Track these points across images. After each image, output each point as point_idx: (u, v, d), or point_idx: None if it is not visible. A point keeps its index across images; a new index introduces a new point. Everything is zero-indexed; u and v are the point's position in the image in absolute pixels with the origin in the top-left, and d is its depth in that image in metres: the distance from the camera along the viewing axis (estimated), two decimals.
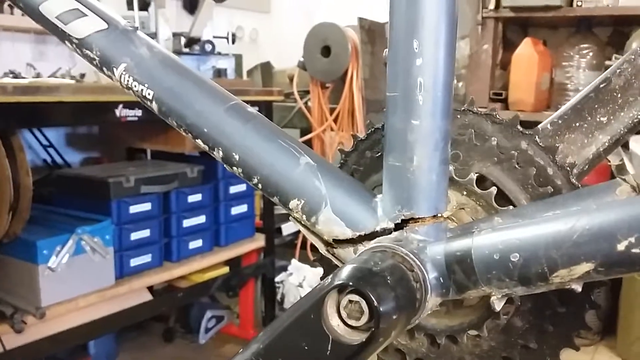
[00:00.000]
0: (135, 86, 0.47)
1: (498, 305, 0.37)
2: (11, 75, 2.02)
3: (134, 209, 1.97)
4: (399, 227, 0.39)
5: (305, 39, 2.62)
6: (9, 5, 2.13)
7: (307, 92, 2.75)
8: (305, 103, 2.76)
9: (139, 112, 1.88)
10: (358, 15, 2.60)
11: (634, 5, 2.27)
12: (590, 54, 2.43)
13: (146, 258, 2.02)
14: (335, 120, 2.67)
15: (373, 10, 2.67)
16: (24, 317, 1.64)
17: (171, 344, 2.55)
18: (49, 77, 2.14)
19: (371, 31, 2.63)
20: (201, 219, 2.21)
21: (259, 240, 2.47)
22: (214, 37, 2.55)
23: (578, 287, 0.35)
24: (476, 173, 0.44)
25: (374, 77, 2.63)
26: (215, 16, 2.67)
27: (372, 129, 0.49)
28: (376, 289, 0.32)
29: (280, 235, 2.70)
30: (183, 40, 2.49)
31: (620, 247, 0.30)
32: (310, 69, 2.63)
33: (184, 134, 0.46)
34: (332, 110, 2.68)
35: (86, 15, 0.50)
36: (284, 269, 2.66)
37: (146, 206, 2.01)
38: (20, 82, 1.79)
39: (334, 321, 0.33)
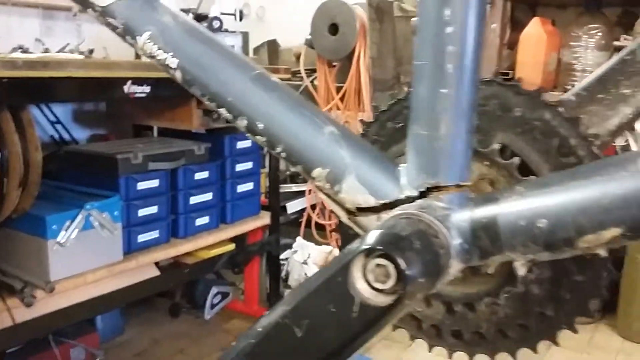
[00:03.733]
0: (159, 54, 0.47)
1: (521, 270, 0.37)
2: (20, 50, 2.01)
3: (141, 185, 1.98)
4: (422, 195, 0.40)
5: (312, 17, 2.60)
6: None
7: (314, 71, 2.74)
8: (312, 81, 2.75)
9: (147, 89, 1.87)
10: None
11: None
12: (599, 34, 2.41)
13: (153, 234, 2.04)
14: (341, 99, 2.66)
15: None
16: (34, 292, 1.66)
17: (177, 320, 2.58)
18: (57, 52, 2.13)
19: (379, 9, 2.61)
20: (208, 196, 2.22)
21: (265, 218, 2.49)
22: (222, 13, 2.54)
23: (604, 253, 0.36)
24: (499, 144, 0.44)
25: (382, 55, 2.62)
26: None
27: (395, 100, 0.49)
28: (404, 253, 0.33)
29: (285, 214, 2.71)
30: (191, 17, 2.48)
31: None
32: (318, 47, 2.61)
33: (207, 102, 0.46)
34: (338, 89, 2.67)
35: None
36: (289, 246, 2.68)
37: (154, 183, 2.02)
38: (29, 57, 1.79)
39: (360, 284, 0.33)
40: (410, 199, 0.40)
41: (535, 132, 0.45)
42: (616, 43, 2.38)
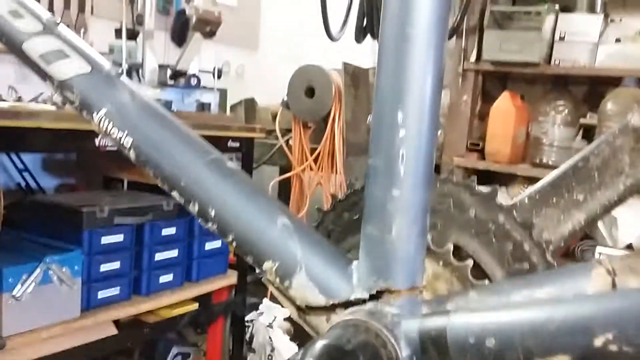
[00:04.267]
0: (114, 132, 0.46)
1: None
2: None
3: (106, 239, 1.93)
4: (373, 297, 0.39)
5: (290, 79, 2.64)
6: None
7: (289, 131, 2.76)
8: (287, 141, 2.76)
9: None
10: (343, 60, 2.64)
11: (610, 67, 2.34)
12: (566, 110, 2.49)
13: (114, 291, 1.97)
14: (315, 160, 2.68)
15: (357, 56, 2.71)
16: None
17: None
18: (30, 101, 2.11)
19: (355, 76, 2.66)
20: (174, 253, 2.17)
21: (231, 277, 2.43)
22: (200, 71, 2.56)
23: None
24: (453, 244, 0.43)
25: (356, 120, 2.66)
26: (203, 50, 2.68)
27: (352, 191, 0.49)
28: None
29: (253, 272, 2.66)
30: (169, 73, 2.49)
31: (598, 342, 0.30)
32: (294, 108, 2.65)
33: (159, 184, 0.45)
34: (312, 150, 2.69)
35: (69, 56, 0.49)
36: (255, 307, 2.61)
37: (118, 237, 1.97)
38: (0, 106, 1.77)
39: None
40: (360, 301, 0.39)
41: (489, 234, 0.44)
42: (582, 120, 2.45)
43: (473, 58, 2.53)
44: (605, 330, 0.30)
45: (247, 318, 2.51)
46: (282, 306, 0.43)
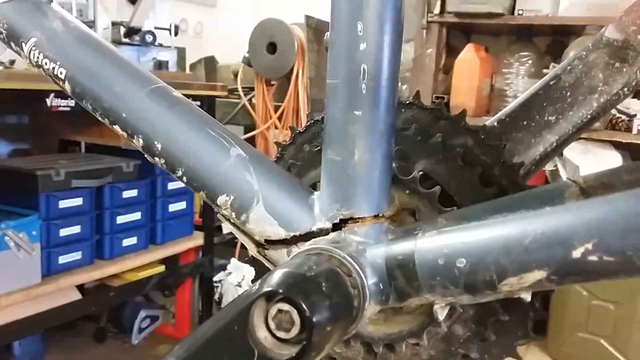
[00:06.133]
0: (46, 64, 0.41)
1: (441, 314, 0.34)
2: None
3: (63, 203, 1.86)
4: (337, 227, 0.36)
5: (250, 35, 2.57)
6: None
7: (252, 89, 2.69)
8: (250, 100, 2.70)
9: (71, 102, 1.78)
10: (305, 13, 2.57)
11: (573, 15, 2.33)
12: (529, 62, 2.49)
13: (76, 255, 1.92)
14: (279, 118, 2.63)
15: (320, 9, 2.64)
16: None
17: (102, 345, 2.45)
18: None
19: (318, 30, 2.60)
20: (136, 216, 2.12)
21: (198, 239, 2.40)
22: (156, 27, 2.46)
23: (527, 297, 0.33)
24: (420, 171, 0.41)
25: (320, 76, 2.60)
26: (158, 7, 2.58)
27: (312, 121, 0.45)
28: (309, 297, 0.29)
29: (220, 234, 2.63)
30: (123, 30, 2.39)
31: (576, 253, 0.28)
32: (256, 66, 2.58)
33: (100, 119, 0.41)
34: (276, 108, 2.64)
35: None
36: (223, 268, 2.60)
37: (77, 201, 1.91)
38: None
39: (261, 333, 0.29)
40: (323, 232, 0.36)
41: (457, 159, 0.42)
42: (545, 71, 2.46)
43: (437, 10, 2.49)
44: (583, 241, 0.28)
45: (215, 278, 2.50)
46: (244, 246, 0.40)
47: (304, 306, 0.28)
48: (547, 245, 0.29)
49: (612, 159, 2.19)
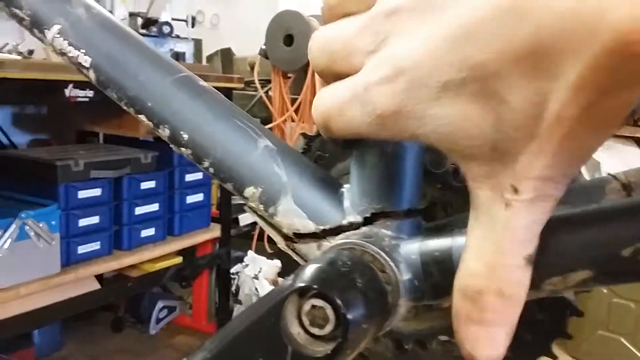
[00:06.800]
0: (70, 51, 0.40)
1: None
2: None
3: (82, 194, 1.88)
4: (367, 221, 0.35)
5: (267, 27, 2.55)
6: None
7: (268, 81, 2.68)
8: (266, 92, 2.69)
9: (90, 93, 1.79)
10: (322, 6, 2.55)
11: None
12: None
13: (95, 245, 1.93)
14: (296, 111, 2.61)
15: None
16: None
17: (120, 334, 2.47)
18: None
19: None
20: (154, 207, 2.13)
21: (215, 231, 2.41)
22: (173, 19, 2.46)
23: (571, 296, 0.31)
24: (453, 164, 0.39)
25: None
26: None
27: None
28: (344, 293, 0.27)
29: (237, 226, 2.64)
30: (140, 21, 2.39)
31: (626, 252, 0.26)
32: (272, 58, 2.56)
33: (125, 108, 0.40)
34: (293, 101, 2.62)
35: None
36: (240, 260, 2.60)
37: (96, 192, 1.92)
38: None
39: (294, 329, 0.28)
40: (354, 226, 0.35)
41: None
42: None
43: None
44: (635, 240, 0.26)
45: (232, 270, 2.50)
46: (271, 240, 0.39)
47: (339, 302, 0.27)
48: (595, 243, 0.28)
49: (634, 156, 2.16)
